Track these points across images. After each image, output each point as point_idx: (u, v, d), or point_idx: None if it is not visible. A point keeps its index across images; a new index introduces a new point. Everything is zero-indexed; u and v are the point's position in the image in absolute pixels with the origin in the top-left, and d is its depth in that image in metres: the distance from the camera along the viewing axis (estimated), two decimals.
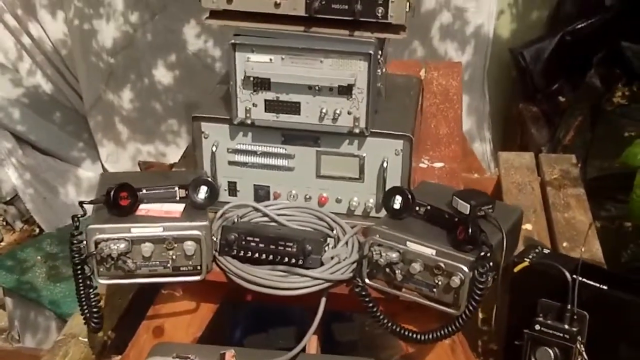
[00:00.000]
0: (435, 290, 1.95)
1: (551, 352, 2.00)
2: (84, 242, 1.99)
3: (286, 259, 2.03)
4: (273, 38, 2.10)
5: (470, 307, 1.89)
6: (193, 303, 2.20)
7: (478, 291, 1.88)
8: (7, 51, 4.51)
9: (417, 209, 2.05)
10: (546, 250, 2.16)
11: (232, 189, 2.27)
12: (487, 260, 1.87)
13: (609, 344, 2.00)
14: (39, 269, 3.54)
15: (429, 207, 2.05)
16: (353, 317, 3.04)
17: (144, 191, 2.08)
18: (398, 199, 2.04)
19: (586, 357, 1.97)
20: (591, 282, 1.99)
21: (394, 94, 2.35)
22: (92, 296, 2.09)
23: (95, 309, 2.11)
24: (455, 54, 4.11)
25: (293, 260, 2.03)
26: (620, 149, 2.31)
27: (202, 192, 2.08)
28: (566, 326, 1.98)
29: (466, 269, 1.89)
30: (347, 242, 2.12)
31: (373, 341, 3.01)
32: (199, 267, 2.04)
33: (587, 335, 1.99)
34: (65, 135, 4.64)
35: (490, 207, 2.05)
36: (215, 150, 2.21)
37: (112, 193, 2.01)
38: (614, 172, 3.38)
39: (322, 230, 2.16)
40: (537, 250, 2.14)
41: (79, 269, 2.03)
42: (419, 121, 2.38)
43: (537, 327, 2.01)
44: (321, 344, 2.29)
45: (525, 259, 2.09)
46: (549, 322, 2.00)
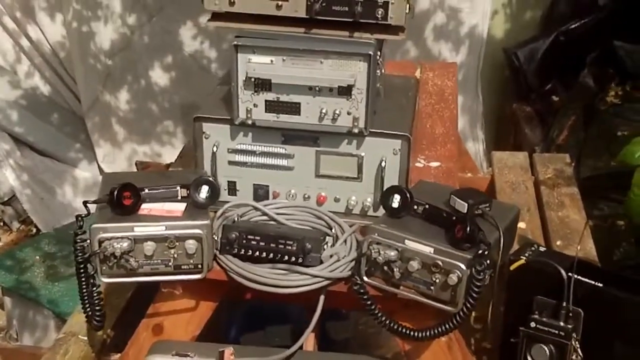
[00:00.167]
0: (432, 288, 1.95)
1: (546, 349, 2.01)
2: (88, 241, 2.00)
3: (286, 257, 2.04)
4: (274, 39, 2.11)
5: (468, 305, 1.90)
6: (192, 301, 2.21)
7: (475, 289, 1.88)
8: (5, 53, 4.51)
9: (415, 207, 2.06)
10: (542, 249, 2.17)
11: (232, 188, 2.27)
12: (484, 258, 1.88)
13: (604, 341, 2.01)
14: (38, 269, 3.52)
15: (427, 206, 2.05)
16: (347, 315, 3.05)
17: (147, 191, 2.09)
18: (396, 197, 2.05)
19: (581, 354, 1.98)
20: (586, 280, 2.00)
21: (391, 95, 2.37)
22: (95, 295, 2.09)
23: (98, 308, 2.11)
24: (449, 54, 4.12)
25: (293, 259, 2.04)
26: (613, 148, 2.31)
27: (204, 192, 2.08)
28: (561, 323, 1.99)
29: (464, 267, 1.90)
30: (345, 241, 2.12)
31: (367, 339, 3.02)
32: (200, 266, 2.05)
33: (582, 332, 2.00)
34: (63, 136, 4.64)
35: (487, 205, 2.05)
36: (216, 150, 2.22)
37: (115, 193, 2.02)
38: (607, 172, 3.37)
39: (321, 229, 2.17)
40: (533, 249, 2.15)
41: (82, 268, 2.04)
42: (416, 121, 2.39)
43: (533, 325, 2.02)
44: (318, 342, 2.30)
45: (522, 257, 2.11)
46: (544, 319, 2.01)
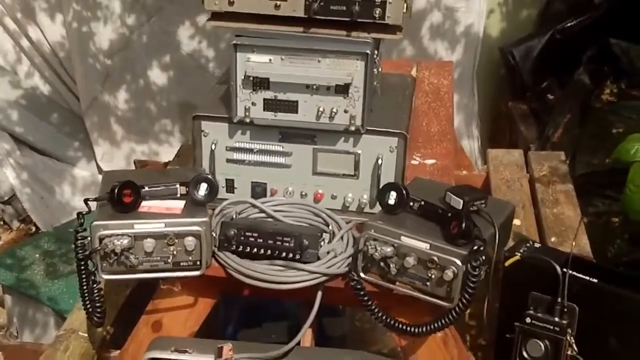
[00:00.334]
0: (428, 283, 1.96)
1: (542, 344, 2.01)
2: (88, 239, 2.01)
3: (284, 254, 2.06)
4: (273, 39, 2.12)
5: (464, 300, 1.91)
6: (191, 298, 2.22)
7: (471, 284, 1.89)
8: (6, 53, 4.52)
9: (411, 204, 2.07)
10: (537, 245, 2.17)
11: (230, 186, 2.29)
12: (479, 254, 1.88)
13: (598, 336, 2.01)
14: (38, 267, 3.52)
15: (423, 203, 2.06)
16: (343, 312, 3.06)
17: (146, 188, 2.10)
18: (393, 194, 2.06)
19: (576, 349, 1.99)
20: (581, 276, 2.00)
21: (388, 93, 2.38)
22: (95, 291, 2.10)
23: (99, 304, 2.12)
24: (445, 53, 4.12)
25: (290, 255, 2.05)
26: (608, 145, 2.31)
27: (202, 189, 2.10)
28: (556, 319, 2.00)
29: (459, 263, 1.90)
30: (342, 237, 2.14)
31: (363, 336, 3.04)
32: (198, 263, 2.06)
33: (577, 327, 2.00)
34: (62, 135, 4.65)
35: (482, 202, 2.07)
36: (214, 148, 2.23)
37: (116, 190, 2.03)
38: (602, 169, 3.38)
39: (318, 226, 2.18)
40: (527, 245, 2.15)
41: (83, 265, 2.05)
42: (412, 119, 2.41)
43: (528, 320, 2.02)
44: (314, 338, 2.31)
45: (517, 253, 2.10)
46: (539, 315, 2.02)
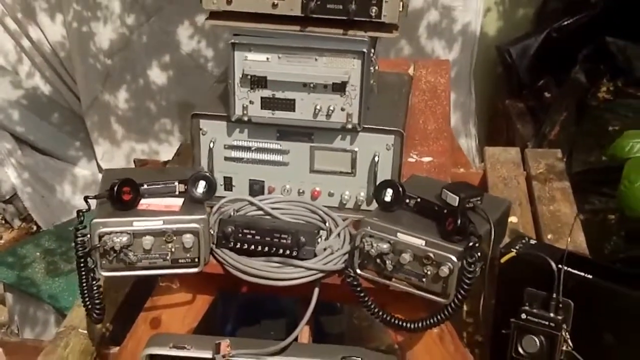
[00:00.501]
0: (424, 280, 1.97)
1: (537, 340, 2.02)
2: (88, 236, 2.02)
3: (281, 251, 2.07)
4: (270, 37, 2.13)
5: (459, 296, 1.92)
6: (189, 295, 2.23)
7: (466, 280, 1.90)
8: (7, 54, 4.54)
9: (408, 201, 2.08)
10: (532, 241, 2.17)
11: (228, 183, 2.30)
12: (475, 250, 1.90)
13: (594, 332, 2.01)
14: (38, 265, 3.55)
15: (419, 200, 2.07)
16: (341, 309, 3.07)
17: (145, 186, 2.11)
18: (389, 191, 2.07)
19: (571, 344, 1.99)
20: (576, 272, 2.00)
21: (385, 91, 2.39)
22: (95, 288, 2.11)
23: (98, 301, 2.13)
24: (443, 51, 4.12)
25: (288, 252, 2.07)
26: (605, 143, 2.31)
27: (201, 187, 2.11)
28: (552, 315, 2.00)
29: (455, 259, 1.92)
30: (339, 234, 2.14)
31: (360, 333, 3.04)
32: (196, 260, 2.07)
33: (573, 323, 2.00)
34: (63, 135, 4.66)
35: (478, 199, 2.08)
36: (213, 147, 2.24)
37: (115, 188, 2.04)
38: (598, 166, 3.40)
39: (315, 223, 2.19)
40: (523, 241, 2.15)
41: (83, 262, 2.06)
42: (409, 117, 2.41)
43: (524, 316, 2.03)
44: (312, 334, 2.32)
45: (512, 250, 2.10)
46: (535, 311, 2.02)
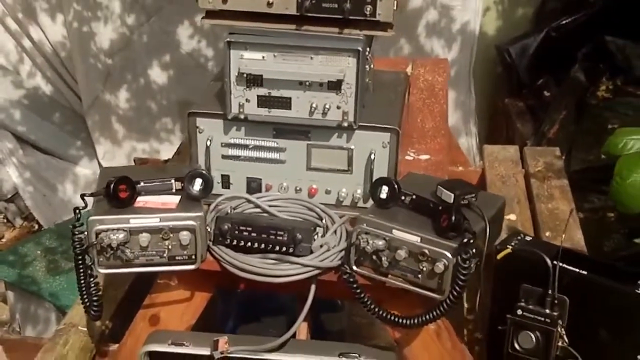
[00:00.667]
0: (420, 276, 1.98)
1: (533, 336, 2.02)
2: (85, 233, 2.03)
3: (277, 248, 2.08)
4: (266, 36, 2.14)
5: (454, 292, 1.93)
6: (187, 292, 2.25)
7: (461, 276, 1.91)
8: (8, 54, 4.55)
9: (403, 198, 2.09)
10: (528, 238, 2.16)
11: (225, 181, 2.31)
12: (469, 246, 1.91)
13: (589, 328, 2.01)
14: (39, 263, 3.56)
15: (414, 197, 2.08)
16: (342, 307, 3.08)
17: (142, 184, 2.12)
18: (385, 189, 2.07)
19: (567, 340, 2.00)
20: (571, 268, 2.00)
21: (381, 89, 2.40)
22: (92, 285, 2.12)
23: (95, 298, 2.14)
24: (442, 51, 4.13)
25: (284, 249, 2.08)
26: (604, 142, 2.31)
27: (197, 184, 2.12)
28: (547, 311, 2.00)
29: (449, 255, 1.93)
30: (335, 231, 2.15)
31: (360, 331, 3.06)
32: (193, 257, 2.08)
33: (568, 319, 2.01)
34: (64, 134, 4.67)
35: (473, 195, 2.09)
36: (210, 145, 2.25)
37: (111, 186, 2.05)
38: (597, 164, 3.40)
39: (312, 220, 2.20)
40: (519, 238, 2.15)
41: (80, 259, 2.08)
42: (405, 115, 2.43)
43: (520, 312, 2.03)
44: (311, 332, 2.33)
45: (508, 246, 2.10)
46: (530, 307, 2.02)
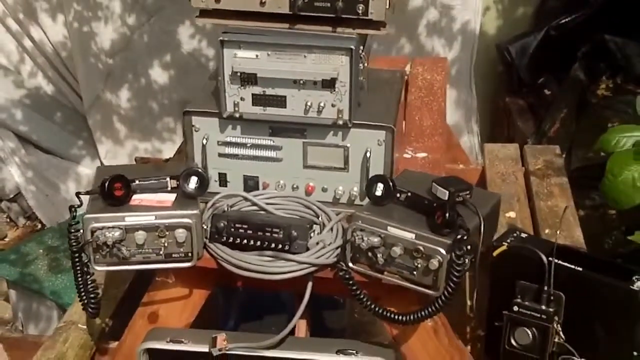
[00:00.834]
0: (415, 272, 1.99)
1: (529, 332, 2.03)
2: (81, 231, 2.05)
3: (273, 245, 2.08)
4: (259, 35, 2.14)
5: (449, 289, 1.94)
6: (186, 289, 2.25)
7: (456, 273, 1.92)
8: (9, 54, 4.56)
9: (398, 195, 2.09)
10: (524, 235, 2.18)
11: (223, 180, 2.31)
12: (463, 243, 1.91)
13: (585, 324, 2.02)
14: (41, 262, 3.56)
15: (409, 194, 2.09)
16: (343, 305, 3.09)
17: (137, 182, 2.13)
18: (380, 186, 2.08)
19: (563, 336, 2.01)
20: (567, 264, 2.02)
21: (377, 88, 2.39)
22: (89, 282, 2.14)
23: (93, 295, 2.16)
24: (443, 50, 4.12)
25: (280, 246, 2.08)
26: None
27: (193, 182, 2.13)
28: (543, 307, 2.02)
29: (444, 252, 1.93)
30: (332, 229, 2.16)
31: (362, 328, 3.06)
32: (190, 254, 2.09)
33: (564, 315, 2.02)
34: (66, 134, 4.67)
35: (468, 192, 2.09)
36: (206, 143, 2.25)
37: (106, 184, 2.06)
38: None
39: (309, 218, 2.21)
40: (515, 235, 2.16)
41: (77, 257, 2.09)
42: (401, 113, 2.43)
43: (516, 309, 2.04)
44: (312, 330, 2.35)
45: (504, 243, 2.12)
46: (526, 303, 2.03)
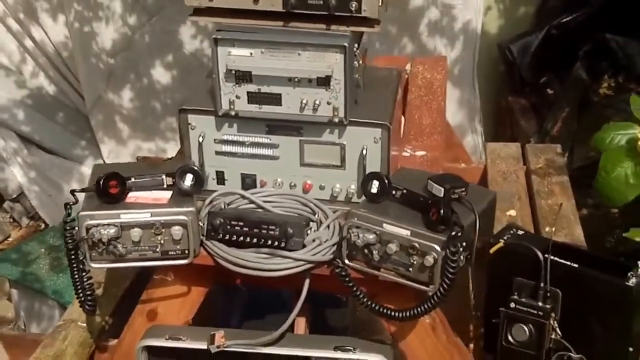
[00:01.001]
0: (411, 269, 2.00)
1: (526, 328, 2.04)
2: (77, 229, 2.06)
3: (269, 242, 2.09)
4: (253, 33, 2.15)
5: (445, 285, 1.94)
6: (184, 287, 2.26)
7: (451, 269, 1.93)
8: (10, 54, 4.55)
9: (394, 192, 2.10)
10: (520, 232, 2.18)
11: (220, 177, 2.32)
12: (458, 239, 1.92)
13: (582, 320, 2.03)
14: (43, 261, 3.57)
15: (405, 191, 2.09)
16: (345, 303, 3.09)
17: (133, 180, 2.13)
18: (375, 183, 2.09)
19: (560, 333, 2.02)
20: (563, 261, 2.02)
21: (373, 86, 2.40)
22: (85, 280, 2.15)
23: (89, 292, 2.17)
24: (444, 49, 4.11)
25: (276, 243, 2.09)
26: None
27: (188, 180, 2.13)
28: (540, 304, 2.02)
29: (438, 248, 1.94)
30: (328, 226, 2.17)
31: (364, 326, 3.06)
32: (186, 251, 2.10)
33: (561, 312, 2.03)
34: (68, 134, 4.66)
35: (463, 190, 2.10)
36: (202, 141, 2.26)
37: (101, 182, 2.07)
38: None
39: (306, 215, 2.21)
40: (512, 232, 2.17)
41: (73, 254, 2.10)
42: (398, 111, 2.42)
43: (513, 305, 2.05)
44: (312, 328, 2.36)
45: (501, 240, 2.13)
46: (523, 300, 2.04)
